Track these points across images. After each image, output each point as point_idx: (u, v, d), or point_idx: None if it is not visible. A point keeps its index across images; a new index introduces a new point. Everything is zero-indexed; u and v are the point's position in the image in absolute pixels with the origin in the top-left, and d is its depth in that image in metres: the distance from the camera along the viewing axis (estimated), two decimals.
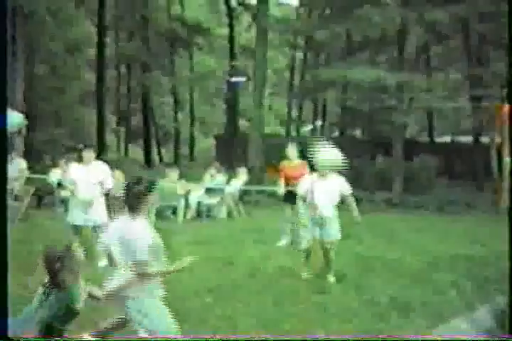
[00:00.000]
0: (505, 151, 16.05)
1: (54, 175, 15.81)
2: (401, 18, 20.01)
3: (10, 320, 4.55)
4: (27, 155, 18.24)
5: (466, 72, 22.92)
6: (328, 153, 8.24)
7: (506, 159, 11.66)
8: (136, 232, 4.90)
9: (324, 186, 8.14)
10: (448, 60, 26.69)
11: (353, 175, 21.30)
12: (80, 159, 9.52)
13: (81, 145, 9.95)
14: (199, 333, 6.02)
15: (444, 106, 23.11)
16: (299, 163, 11.01)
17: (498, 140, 19.64)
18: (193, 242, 11.16)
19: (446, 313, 6.67)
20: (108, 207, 9.68)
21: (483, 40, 22.08)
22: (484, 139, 23.22)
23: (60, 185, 14.65)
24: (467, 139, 27.00)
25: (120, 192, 6.39)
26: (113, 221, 5.34)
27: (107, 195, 9.80)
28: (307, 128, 36.14)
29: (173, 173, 14.85)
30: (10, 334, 4.44)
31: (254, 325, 6.38)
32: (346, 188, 8.29)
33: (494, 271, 9.04)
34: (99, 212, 9.34)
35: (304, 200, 8.47)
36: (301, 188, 8.47)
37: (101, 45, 28.41)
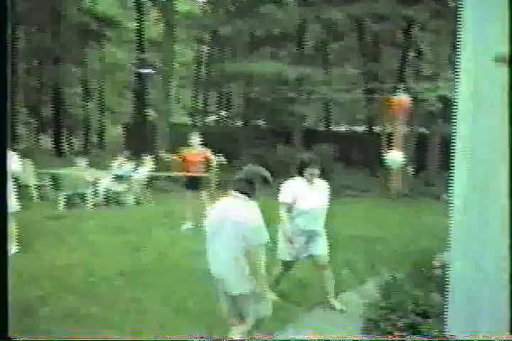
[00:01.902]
0: (397, 142, 16.44)
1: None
2: (300, 16, 20.30)
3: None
4: None
5: (362, 68, 23.38)
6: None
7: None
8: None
9: (315, 192, 6.46)
10: (345, 56, 27.13)
11: (256, 162, 21.62)
12: None
13: None
14: (110, 316, 5.96)
15: (340, 98, 23.56)
16: (200, 150, 11.06)
17: (388, 130, 20.16)
18: (103, 227, 11.02)
19: (339, 288, 6.85)
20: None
21: (377, 38, 22.53)
22: (376, 129, 23.79)
23: None
24: (361, 129, 27.56)
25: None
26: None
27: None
28: (212, 118, 36.05)
29: (82, 161, 14.58)
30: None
31: (161, 305, 6.35)
32: (327, 193, 6.68)
33: (386, 249, 9.32)
34: None
35: (289, 210, 6.46)
36: (285, 195, 6.51)
37: (12, 39, 27.52)
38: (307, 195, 6.39)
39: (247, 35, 26.10)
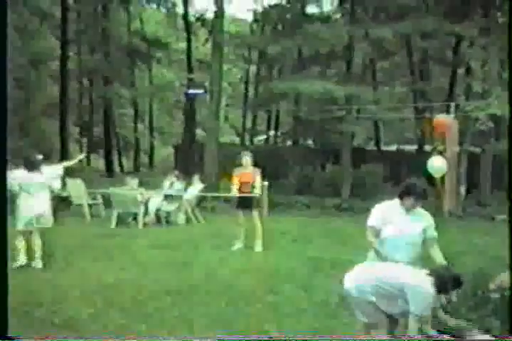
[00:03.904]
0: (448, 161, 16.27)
1: None
2: (348, 35, 20.32)
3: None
4: None
5: (411, 86, 23.26)
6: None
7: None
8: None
9: (408, 221, 5.54)
10: (393, 74, 27.02)
11: (304, 181, 21.65)
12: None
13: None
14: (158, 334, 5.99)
15: (389, 117, 23.42)
16: (252, 170, 11.08)
17: (439, 148, 19.93)
18: (152, 246, 11.11)
19: None
20: None
21: (425, 55, 22.41)
22: (427, 148, 23.52)
23: None
24: (411, 148, 27.32)
25: None
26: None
27: None
28: (261, 137, 36.18)
29: (133, 181, 14.78)
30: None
31: (209, 325, 6.35)
32: (432, 229, 5.71)
33: None
34: None
35: (377, 237, 5.60)
36: (372, 219, 5.68)
37: (64, 59, 28.13)
38: (396, 221, 5.58)
39: (294, 54, 26.23)
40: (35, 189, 9.19)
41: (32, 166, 9.21)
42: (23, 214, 9.12)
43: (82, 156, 11.13)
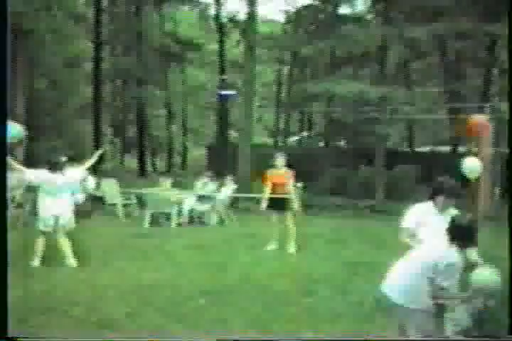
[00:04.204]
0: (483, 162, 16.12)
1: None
2: (382, 36, 20.22)
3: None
4: (28, 164, 18.14)
5: (445, 87, 23.08)
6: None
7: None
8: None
9: (441, 222, 5.23)
10: (427, 75, 26.83)
11: (337, 183, 21.60)
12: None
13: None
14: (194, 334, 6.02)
15: (423, 117, 23.26)
16: (285, 171, 11.06)
17: (474, 149, 19.79)
18: (187, 246, 11.17)
19: None
20: None
21: (459, 56, 22.22)
22: (461, 149, 23.34)
23: None
24: (445, 149, 27.09)
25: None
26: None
27: None
28: (294, 138, 36.17)
29: (167, 182, 14.86)
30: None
31: (245, 327, 6.36)
32: None
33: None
34: None
35: (412, 238, 5.68)
36: (407, 220, 5.83)
37: (97, 60, 28.40)
38: (430, 222, 5.60)
39: (327, 55, 26.18)
40: (56, 190, 9.31)
41: (54, 168, 9.33)
42: (42, 214, 9.30)
43: (99, 152, 11.19)
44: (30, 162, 18.76)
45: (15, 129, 14.48)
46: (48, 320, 6.44)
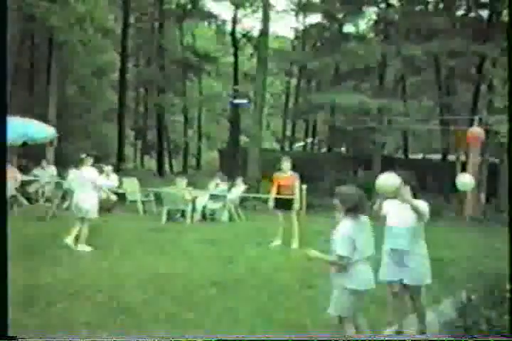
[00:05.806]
0: (470, 170, 16.12)
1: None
2: (382, 53, 20.26)
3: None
4: (58, 163, 18.24)
5: (438, 100, 23.07)
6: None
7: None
8: None
9: (404, 210, 5.77)
10: (422, 89, 26.80)
11: (338, 185, 21.52)
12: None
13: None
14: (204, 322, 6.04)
15: (417, 128, 23.25)
16: (291, 174, 11.07)
17: (462, 158, 19.80)
18: (199, 241, 11.18)
19: None
20: None
21: (452, 73, 22.19)
22: (451, 157, 23.32)
23: None
24: (437, 157, 27.04)
25: None
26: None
27: None
28: (299, 144, 36.17)
29: (182, 181, 14.86)
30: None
31: (251, 315, 6.37)
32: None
33: (460, 271, 9.05)
34: None
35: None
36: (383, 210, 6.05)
37: (123, 70, 28.52)
38: (394, 212, 5.90)
39: (332, 69, 26.22)
40: (77, 184, 10.01)
41: (76, 164, 10.08)
42: (72, 204, 10.06)
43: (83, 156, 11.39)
44: (59, 160, 18.91)
45: (48, 131, 14.61)
46: (73, 304, 6.47)
